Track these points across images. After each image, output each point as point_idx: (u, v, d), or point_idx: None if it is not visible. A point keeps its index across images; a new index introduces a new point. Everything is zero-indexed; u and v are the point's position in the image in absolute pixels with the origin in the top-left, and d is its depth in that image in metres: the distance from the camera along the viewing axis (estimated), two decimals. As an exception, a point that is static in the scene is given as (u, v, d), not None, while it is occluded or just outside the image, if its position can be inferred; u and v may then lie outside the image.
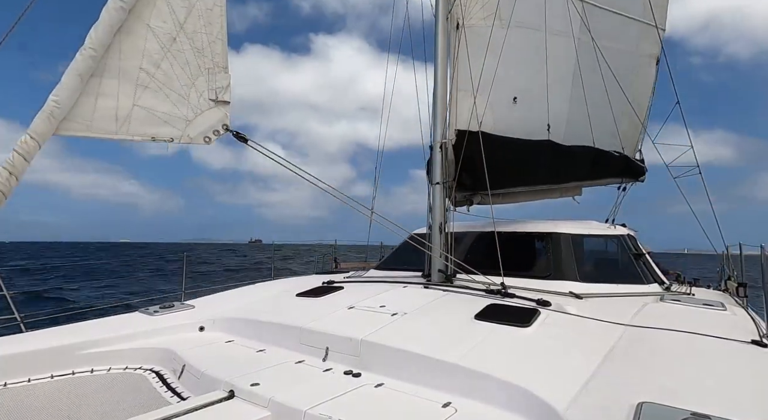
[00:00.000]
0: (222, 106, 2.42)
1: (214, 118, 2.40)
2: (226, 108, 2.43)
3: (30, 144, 1.93)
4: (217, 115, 2.41)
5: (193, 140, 2.35)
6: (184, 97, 2.32)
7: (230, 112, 2.45)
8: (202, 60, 2.35)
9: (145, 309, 3.23)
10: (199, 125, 2.37)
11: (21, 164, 1.92)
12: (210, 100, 2.39)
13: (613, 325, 2.46)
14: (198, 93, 2.36)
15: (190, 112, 2.34)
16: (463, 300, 3.03)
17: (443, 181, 4.02)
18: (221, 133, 2.43)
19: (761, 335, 2.27)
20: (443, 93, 4.23)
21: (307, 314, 2.80)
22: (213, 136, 2.40)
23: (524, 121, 4.70)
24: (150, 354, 2.64)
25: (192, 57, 2.33)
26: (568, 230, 3.92)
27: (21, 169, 1.92)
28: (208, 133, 2.39)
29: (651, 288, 3.69)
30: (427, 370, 1.99)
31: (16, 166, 1.91)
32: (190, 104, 2.34)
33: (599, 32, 4.66)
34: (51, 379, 2.36)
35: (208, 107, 2.39)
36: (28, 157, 1.94)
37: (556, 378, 1.78)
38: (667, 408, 1.45)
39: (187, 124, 2.33)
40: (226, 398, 1.85)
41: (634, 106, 4.97)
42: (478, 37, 4.42)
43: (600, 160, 4.86)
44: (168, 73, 2.28)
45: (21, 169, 1.92)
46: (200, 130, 2.37)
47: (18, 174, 1.92)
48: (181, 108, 2.32)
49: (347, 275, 4.64)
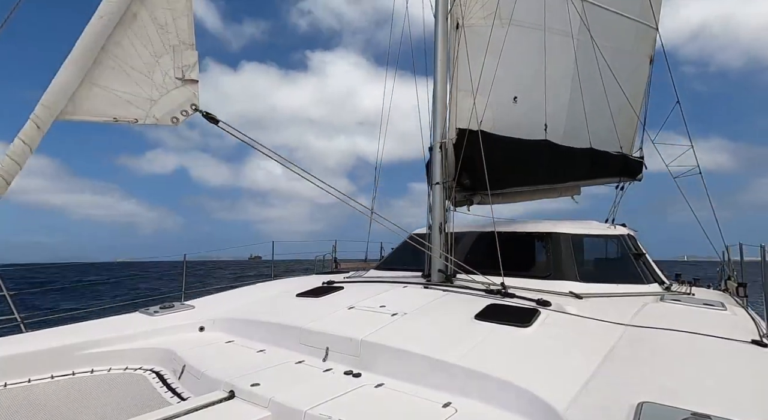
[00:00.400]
0: (190, 85, 2.28)
1: (182, 97, 2.26)
2: (194, 87, 2.28)
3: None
4: (185, 95, 2.27)
5: (160, 121, 2.22)
6: (147, 76, 2.18)
7: (199, 92, 2.31)
8: (165, 37, 2.21)
9: (145, 309, 3.23)
10: (166, 105, 2.23)
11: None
12: (176, 79, 2.25)
13: (613, 325, 2.46)
14: (163, 72, 2.22)
15: (155, 91, 2.20)
16: (463, 300, 3.03)
17: (443, 181, 4.02)
18: (190, 114, 2.29)
19: (761, 335, 2.27)
20: (443, 93, 4.23)
21: (307, 314, 2.80)
22: (181, 116, 2.27)
23: (524, 120, 4.70)
24: (150, 354, 2.64)
25: (155, 34, 2.18)
26: (568, 230, 3.92)
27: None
28: (176, 113, 2.25)
29: (651, 288, 3.69)
30: (427, 370, 1.99)
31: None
32: (155, 83, 2.21)
33: (598, 32, 4.66)
34: (51, 379, 2.36)
35: (175, 86, 2.25)
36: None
37: (557, 378, 1.78)
38: (668, 408, 1.45)
39: (152, 105, 2.20)
40: (227, 398, 1.85)
41: (633, 106, 4.97)
42: (477, 37, 4.42)
43: (598, 159, 4.87)
44: (128, 51, 2.14)
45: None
46: (167, 110, 2.23)
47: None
48: (145, 87, 2.18)
49: (347, 275, 4.64)
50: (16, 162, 1.89)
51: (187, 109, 2.28)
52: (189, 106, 2.28)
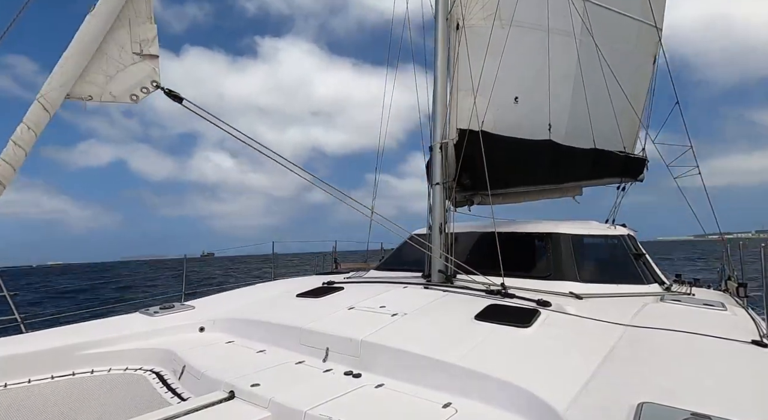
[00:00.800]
0: (149, 61, 2.13)
1: (141, 73, 2.12)
2: (154, 62, 2.14)
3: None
4: (144, 71, 2.13)
5: (117, 99, 2.09)
6: (101, 51, 2.05)
7: (159, 67, 2.16)
8: (120, 9, 2.07)
9: (145, 310, 3.23)
10: (123, 82, 2.08)
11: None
12: (134, 54, 2.10)
13: (613, 325, 2.46)
14: (119, 46, 2.07)
15: (111, 67, 2.06)
16: (463, 300, 3.03)
17: (443, 181, 4.02)
18: (151, 91, 2.14)
19: (761, 335, 2.26)
20: (443, 93, 4.23)
21: (307, 315, 2.80)
22: (141, 93, 2.13)
23: (525, 121, 4.69)
24: (150, 355, 2.64)
25: (109, 4, 2.05)
26: (568, 230, 3.92)
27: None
28: (135, 90, 2.11)
29: (651, 288, 3.69)
30: (427, 370, 1.99)
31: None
32: (110, 58, 2.05)
33: (600, 31, 4.66)
34: (51, 379, 2.36)
35: (132, 62, 2.10)
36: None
37: (557, 378, 1.78)
38: (668, 408, 1.45)
39: (108, 80, 2.04)
40: (227, 399, 1.85)
41: (634, 106, 4.97)
42: (478, 38, 4.42)
43: (600, 159, 4.87)
44: (79, 25, 1.99)
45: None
46: (124, 87, 2.08)
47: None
48: (99, 62, 2.04)
49: (347, 276, 4.65)
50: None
51: (147, 86, 2.13)
52: (149, 82, 2.14)
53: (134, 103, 2.12)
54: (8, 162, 1.80)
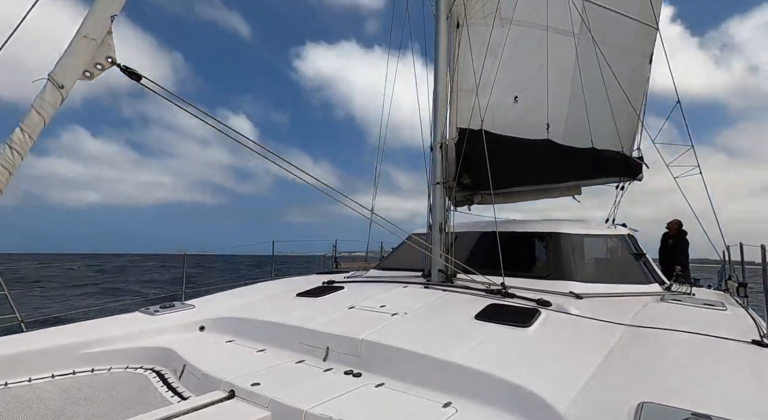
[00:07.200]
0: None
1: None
2: (108, 38, 1.98)
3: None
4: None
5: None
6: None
7: (114, 43, 2.00)
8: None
9: (145, 308, 3.23)
10: (75, 57, 1.92)
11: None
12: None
13: (613, 325, 2.46)
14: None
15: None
16: (464, 300, 3.03)
17: (443, 181, 4.02)
18: (106, 68, 2.00)
19: (761, 335, 2.27)
20: (443, 93, 4.23)
21: (307, 314, 2.80)
22: (96, 70, 1.97)
23: (525, 120, 4.70)
24: (151, 354, 2.65)
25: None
26: (568, 230, 3.92)
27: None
28: (89, 66, 1.95)
29: (651, 288, 3.69)
30: (427, 370, 1.99)
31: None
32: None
33: (599, 31, 4.66)
34: (52, 378, 2.36)
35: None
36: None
37: (557, 378, 1.78)
38: (668, 408, 1.45)
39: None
40: (227, 398, 1.85)
41: (633, 105, 4.97)
42: (478, 37, 4.42)
43: (599, 159, 4.87)
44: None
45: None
46: (77, 63, 1.92)
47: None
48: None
49: (347, 275, 4.65)
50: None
51: (101, 63, 1.99)
52: (104, 58, 1.99)
53: (88, 80, 1.98)
54: (5, 166, 1.75)
